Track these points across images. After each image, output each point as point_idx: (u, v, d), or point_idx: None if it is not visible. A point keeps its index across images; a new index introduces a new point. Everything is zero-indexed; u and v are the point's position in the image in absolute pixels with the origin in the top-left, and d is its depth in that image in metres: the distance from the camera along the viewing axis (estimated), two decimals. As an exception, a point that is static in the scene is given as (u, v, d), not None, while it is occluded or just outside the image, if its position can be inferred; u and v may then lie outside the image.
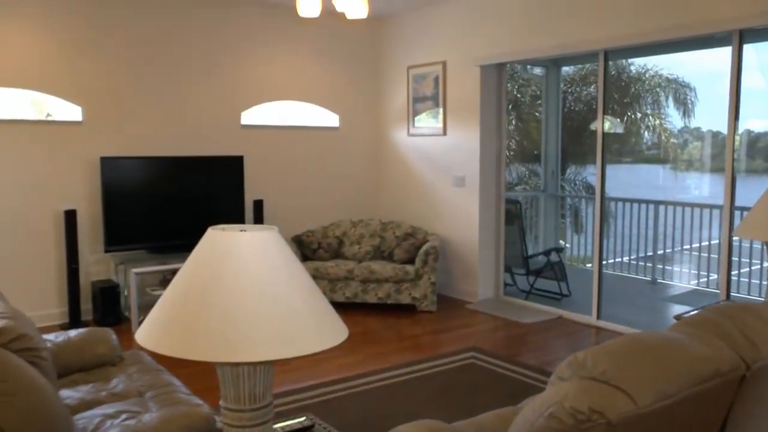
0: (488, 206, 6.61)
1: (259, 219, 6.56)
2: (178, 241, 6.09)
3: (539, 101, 9.02)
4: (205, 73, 6.48)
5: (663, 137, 9.76)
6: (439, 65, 6.79)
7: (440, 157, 6.90)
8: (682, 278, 8.00)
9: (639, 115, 9.66)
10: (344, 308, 6.14)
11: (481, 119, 6.45)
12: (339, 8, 4.29)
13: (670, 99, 9.46)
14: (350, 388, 4.29)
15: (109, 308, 5.76)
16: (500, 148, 6.61)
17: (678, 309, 6.48)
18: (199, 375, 4.21)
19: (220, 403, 1.89)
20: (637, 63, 9.22)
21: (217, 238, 1.76)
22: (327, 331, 1.81)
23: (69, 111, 5.89)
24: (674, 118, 9.53)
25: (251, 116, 6.85)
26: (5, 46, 5.52)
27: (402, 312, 6.22)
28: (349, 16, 4.32)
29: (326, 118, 7.33)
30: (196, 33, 6.40)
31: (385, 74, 7.53)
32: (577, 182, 9.61)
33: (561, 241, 9.09)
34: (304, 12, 4.20)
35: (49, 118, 5.86)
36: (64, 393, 2.85)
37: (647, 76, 9.46)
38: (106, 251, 5.89)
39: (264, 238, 1.78)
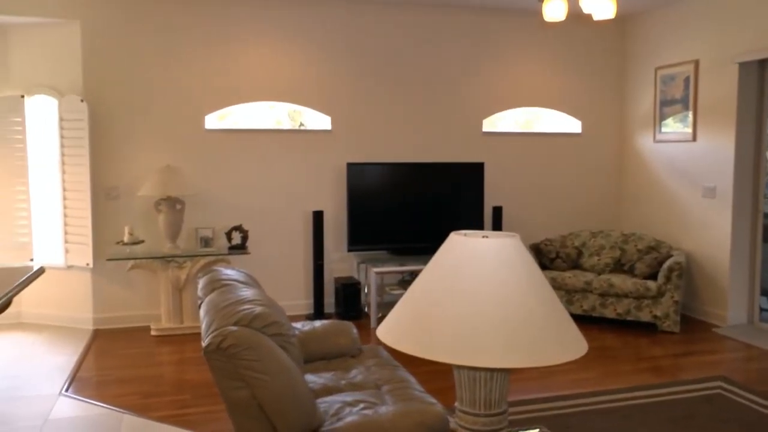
0: (743, 220, 5.97)
1: (497, 226, 6.58)
2: (418, 244, 6.32)
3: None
4: (448, 81, 6.65)
5: None
6: (691, 64, 6.28)
7: (689, 165, 6.38)
8: None
9: None
10: (580, 321, 5.92)
11: (737, 123, 5.85)
12: (585, 10, 4.16)
13: None
14: (584, 405, 4.12)
15: (350, 303, 6.14)
16: (759, 155, 5.94)
17: None
18: (434, 375, 4.32)
19: (456, 405, 1.92)
20: None
21: (459, 243, 1.79)
22: (566, 343, 1.75)
23: (319, 121, 6.40)
24: None
25: (492, 123, 6.89)
26: (267, 65, 6.16)
27: (641, 330, 5.85)
28: (596, 17, 4.17)
29: (568, 124, 7.14)
30: (439, 43, 6.59)
31: (630, 77, 7.15)
32: None
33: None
34: (550, 16, 4.13)
35: (302, 128, 6.44)
36: (309, 377, 3.08)
37: None
38: (349, 250, 6.29)
39: (506, 244, 1.77)
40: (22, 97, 5.87)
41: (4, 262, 5.83)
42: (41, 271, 2.94)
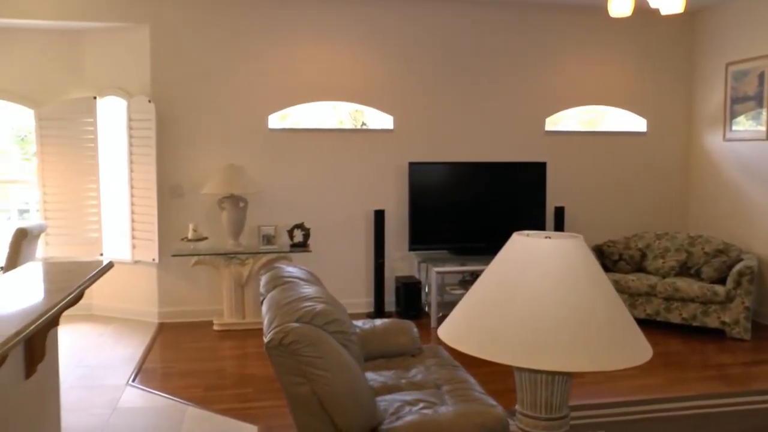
0: (823, 224, 5.72)
1: (559, 226, 6.48)
2: (479, 244, 6.28)
3: None
4: (510, 80, 6.59)
5: None
6: (766, 59, 6.04)
7: (761, 165, 6.14)
8: None
9: None
10: (644, 325, 5.74)
11: (818, 124, 5.61)
12: (653, 4, 4.04)
13: None
14: (648, 412, 4.02)
15: (410, 302, 6.15)
16: (842, 157, 5.68)
17: None
18: (494, 376, 4.28)
19: (516, 407, 1.90)
20: None
21: (522, 244, 1.77)
22: (630, 348, 1.72)
23: (382, 120, 6.42)
24: None
25: (554, 122, 6.79)
26: (330, 65, 6.22)
27: (708, 336, 5.67)
28: (664, 11, 4.05)
29: (632, 122, 6.97)
30: (501, 41, 6.53)
31: (698, 73, 6.93)
32: None
33: None
34: (616, 11, 4.04)
35: (364, 127, 6.48)
36: (369, 376, 3.09)
37: None
38: (410, 249, 6.29)
39: (569, 245, 1.74)
40: (94, 98, 6.09)
41: (76, 256, 6.06)
42: (110, 265, 3.04)
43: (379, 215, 6.19)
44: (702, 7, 6.69)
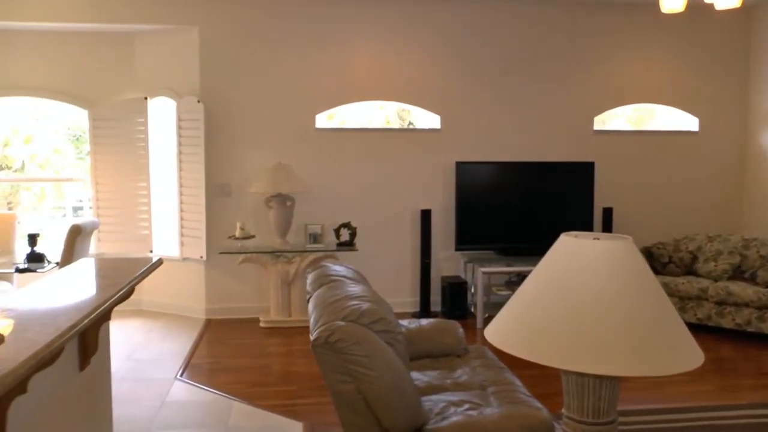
0: None
1: (607, 227, 6.37)
2: (526, 244, 6.23)
3: None
4: (558, 79, 6.50)
5: None
6: (828, 61, 5.84)
7: (823, 168, 5.93)
8: None
9: None
10: (694, 330, 5.57)
11: None
12: None
13: None
14: (698, 420, 3.92)
15: (456, 303, 6.12)
16: None
17: None
18: (540, 379, 4.23)
19: (563, 410, 1.87)
20: None
21: (570, 245, 1.74)
22: (680, 353, 1.68)
23: (429, 120, 6.41)
24: None
25: (602, 121, 6.68)
26: (377, 65, 6.24)
27: (764, 343, 5.49)
28: (719, 6, 3.94)
29: (684, 121, 6.81)
30: (549, 39, 6.45)
31: (754, 70, 6.72)
32: None
33: None
34: (668, 7, 3.95)
35: (411, 127, 6.48)
36: (414, 375, 3.09)
37: None
38: (457, 249, 6.27)
39: (618, 247, 1.72)
40: (145, 98, 6.22)
41: (126, 253, 6.21)
42: (159, 262, 3.10)
43: (426, 215, 6.18)
44: (760, 1, 6.49)
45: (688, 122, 6.80)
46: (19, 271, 4.90)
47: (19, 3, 5.76)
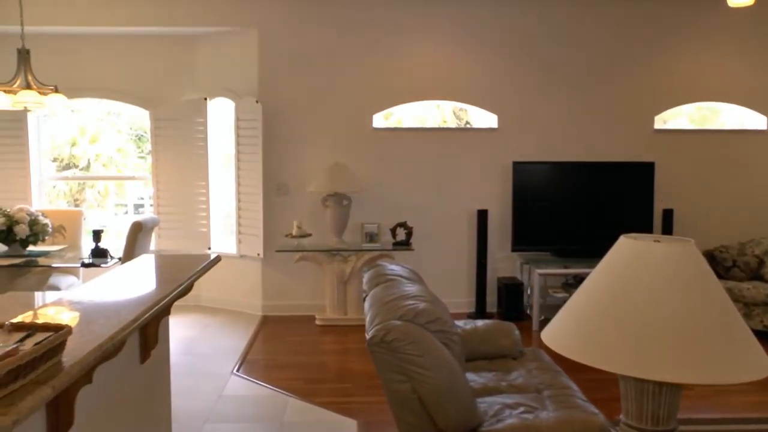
0: None
1: (668, 229, 6.21)
2: (583, 246, 6.13)
3: None
4: (617, 77, 6.36)
5: None
6: None
7: None
8: None
9: None
10: (761, 337, 5.41)
11: None
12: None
13: None
14: (763, 431, 3.79)
15: (512, 304, 6.06)
16: None
17: None
18: (598, 383, 4.14)
19: (621, 417, 1.84)
20: None
21: (630, 247, 1.71)
22: (745, 361, 1.62)
23: (485, 119, 6.36)
24: None
25: (664, 120, 6.51)
26: (434, 64, 6.22)
27: (835, 350, 5.27)
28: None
29: (751, 120, 6.57)
30: (608, 36, 6.32)
31: (829, 70, 6.45)
32: None
33: None
34: (735, 1, 3.82)
35: (468, 126, 6.44)
36: (469, 376, 3.07)
37: None
38: (513, 250, 6.21)
39: (680, 251, 1.68)
40: (205, 99, 6.36)
41: (185, 249, 6.36)
42: (218, 259, 3.17)
43: (483, 215, 6.14)
44: (832, -3, 6.22)
45: (755, 120, 6.56)
46: (84, 265, 5.07)
47: (88, 10, 5.97)
